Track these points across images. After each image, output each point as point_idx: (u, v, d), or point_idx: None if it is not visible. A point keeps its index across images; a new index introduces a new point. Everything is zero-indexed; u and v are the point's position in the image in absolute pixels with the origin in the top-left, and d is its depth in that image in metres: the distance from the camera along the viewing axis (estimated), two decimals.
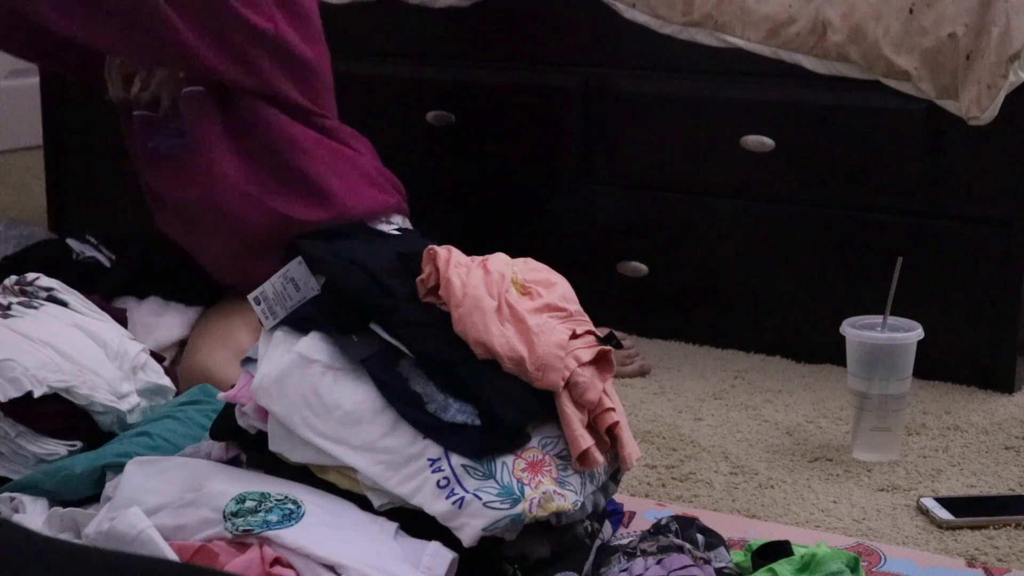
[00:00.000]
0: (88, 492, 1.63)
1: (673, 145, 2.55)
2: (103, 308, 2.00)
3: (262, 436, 1.54)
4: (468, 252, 1.62)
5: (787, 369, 2.45)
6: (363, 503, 1.49)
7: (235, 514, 1.42)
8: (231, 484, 1.48)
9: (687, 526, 1.57)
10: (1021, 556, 1.70)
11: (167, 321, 2.27)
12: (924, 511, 1.82)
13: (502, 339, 1.52)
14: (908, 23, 2.23)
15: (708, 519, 1.65)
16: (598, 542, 1.57)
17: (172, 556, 1.38)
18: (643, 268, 2.60)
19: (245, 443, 1.58)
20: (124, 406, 1.82)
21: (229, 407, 1.59)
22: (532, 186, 2.72)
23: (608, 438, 1.54)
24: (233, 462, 1.59)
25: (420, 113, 2.78)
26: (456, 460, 1.48)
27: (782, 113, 2.44)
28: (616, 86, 2.58)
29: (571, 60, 2.63)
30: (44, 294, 1.94)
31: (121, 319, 2.04)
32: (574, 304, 1.61)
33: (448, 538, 1.45)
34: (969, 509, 1.81)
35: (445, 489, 1.46)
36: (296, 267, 1.59)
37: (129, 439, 1.74)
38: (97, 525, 1.45)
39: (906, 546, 1.72)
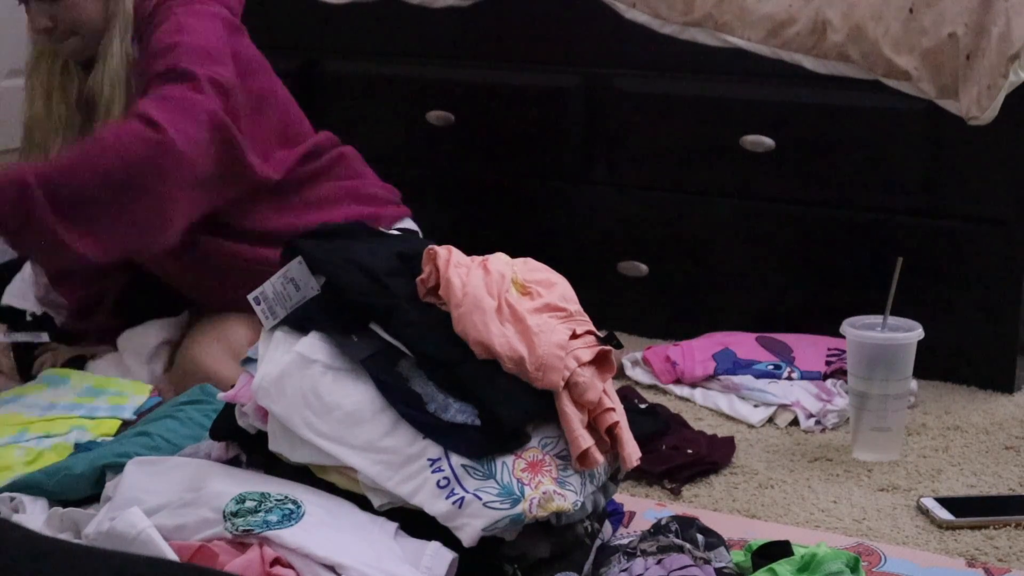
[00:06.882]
0: (88, 492, 1.64)
1: (673, 145, 2.55)
2: None
3: (262, 436, 1.54)
4: (468, 252, 1.62)
5: None
6: (363, 503, 1.49)
7: (235, 514, 1.42)
8: (231, 484, 1.48)
9: (687, 526, 1.57)
10: (1021, 556, 1.70)
11: (146, 329, 2.25)
12: (924, 511, 1.82)
13: (502, 339, 1.52)
14: (908, 23, 2.23)
15: (708, 519, 1.65)
16: (598, 542, 1.57)
17: (172, 556, 1.38)
18: (643, 268, 2.60)
19: (245, 443, 1.58)
20: None
21: (229, 407, 1.59)
22: (532, 186, 2.72)
23: (608, 438, 1.54)
24: (233, 462, 1.59)
25: (420, 113, 2.78)
26: (456, 460, 1.47)
27: (782, 113, 2.44)
28: (616, 86, 2.58)
29: (571, 60, 2.63)
30: None
31: None
32: (574, 304, 1.61)
33: (448, 538, 1.45)
34: (969, 509, 1.81)
35: (445, 489, 1.46)
36: (296, 267, 1.59)
37: (129, 439, 1.74)
38: (97, 525, 1.45)
39: (906, 546, 1.72)
